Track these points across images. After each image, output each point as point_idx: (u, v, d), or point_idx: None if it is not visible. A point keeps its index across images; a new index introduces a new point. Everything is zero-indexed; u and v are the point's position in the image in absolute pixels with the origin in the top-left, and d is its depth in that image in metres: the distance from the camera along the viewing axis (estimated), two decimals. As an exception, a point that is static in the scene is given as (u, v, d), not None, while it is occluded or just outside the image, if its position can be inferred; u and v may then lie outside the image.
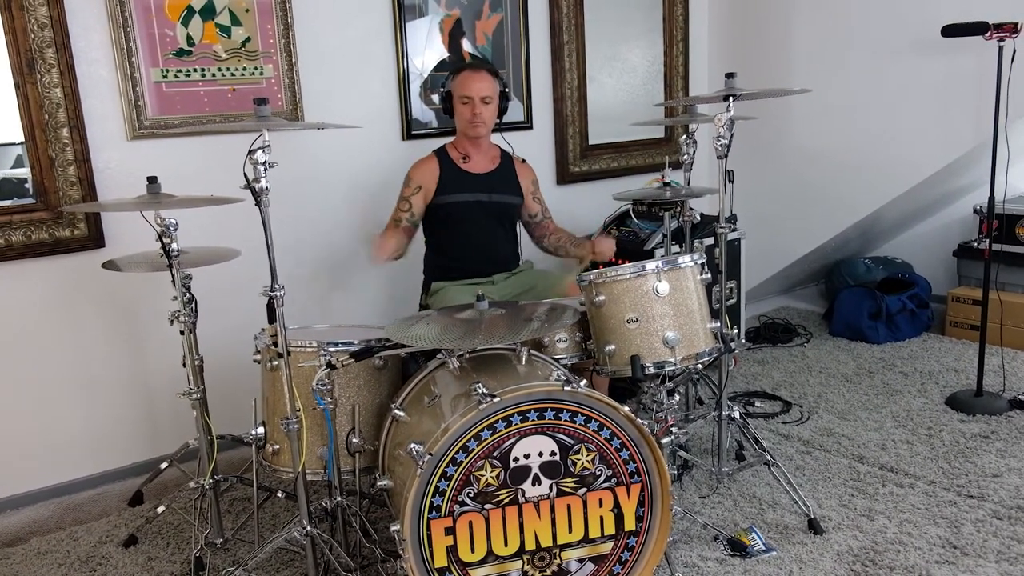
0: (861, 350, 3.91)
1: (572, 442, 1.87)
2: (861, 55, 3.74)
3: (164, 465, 2.69)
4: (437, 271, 2.91)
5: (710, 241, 3.50)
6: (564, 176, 3.92)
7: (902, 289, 4.08)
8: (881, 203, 3.84)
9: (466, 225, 2.85)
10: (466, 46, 3.52)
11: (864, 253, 4.60)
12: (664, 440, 2.20)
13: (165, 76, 2.84)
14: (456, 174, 2.84)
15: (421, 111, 3.42)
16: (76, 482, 2.90)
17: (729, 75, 2.39)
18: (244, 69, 2.98)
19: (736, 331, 3.67)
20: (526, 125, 3.77)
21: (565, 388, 1.83)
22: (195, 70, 2.89)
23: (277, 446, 2.20)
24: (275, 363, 2.15)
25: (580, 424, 1.87)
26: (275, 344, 1.96)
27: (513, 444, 1.83)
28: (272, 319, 1.92)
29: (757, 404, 3.30)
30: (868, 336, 4.00)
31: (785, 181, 4.19)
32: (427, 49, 3.42)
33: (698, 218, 2.96)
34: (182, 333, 2.21)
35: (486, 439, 1.80)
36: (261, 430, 2.22)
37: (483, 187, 2.86)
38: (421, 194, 2.80)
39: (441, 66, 3.46)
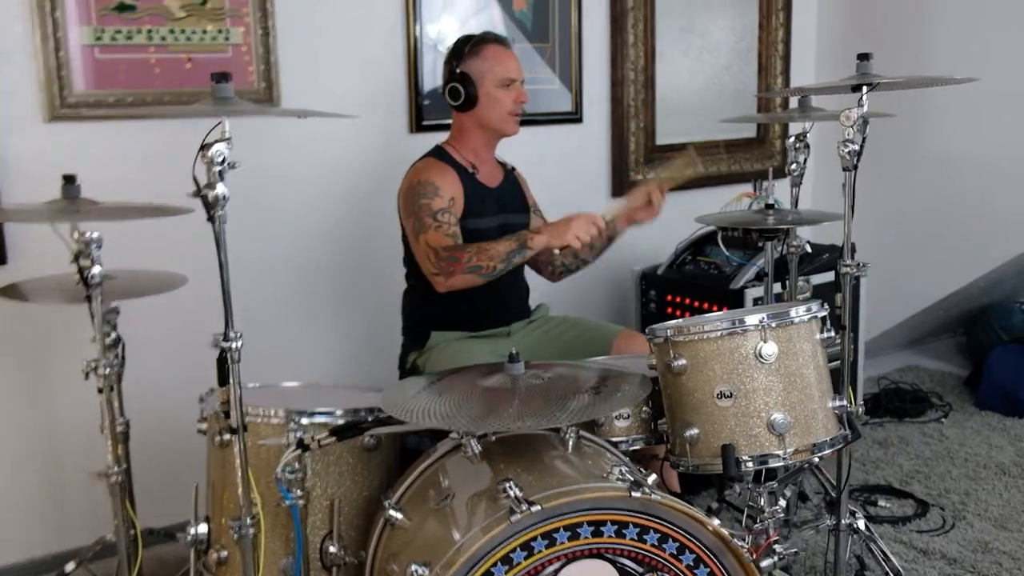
0: (1021, 430, 3.80)
1: (641, 570, 1.78)
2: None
3: (71, 566, 2.56)
4: (435, 318, 2.81)
5: (817, 280, 3.37)
6: (622, 186, 3.86)
7: (1078, 348, 4.01)
8: (1054, 230, 3.79)
9: None
10: (494, 15, 3.47)
11: (1021, 296, 4.54)
12: (764, 563, 2.09)
13: (99, 38, 2.78)
14: (477, 191, 2.79)
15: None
16: (-48, 584, 2.84)
17: (863, 56, 2.29)
18: (205, 32, 2.93)
19: (861, 405, 3.59)
20: (574, 117, 3.75)
21: (633, 494, 1.72)
22: (140, 31, 2.84)
23: (224, 552, 2.13)
24: (226, 438, 2.04)
25: (652, 545, 1.77)
26: (227, 414, 1.86)
27: (557, 571, 1.73)
28: (224, 380, 1.83)
29: (881, 503, 3.20)
30: (1031, 410, 3.93)
31: (916, 200, 4.15)
32: (445, 14, 3.37)
33: (808, 249, 2.85)
34: (100, 391, 2.13)
35: (519, 563, 1.71)
36: (203, 528, 2.16)
37: (500, 206, 2.86)
38: (454, 209, 2.72)
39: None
